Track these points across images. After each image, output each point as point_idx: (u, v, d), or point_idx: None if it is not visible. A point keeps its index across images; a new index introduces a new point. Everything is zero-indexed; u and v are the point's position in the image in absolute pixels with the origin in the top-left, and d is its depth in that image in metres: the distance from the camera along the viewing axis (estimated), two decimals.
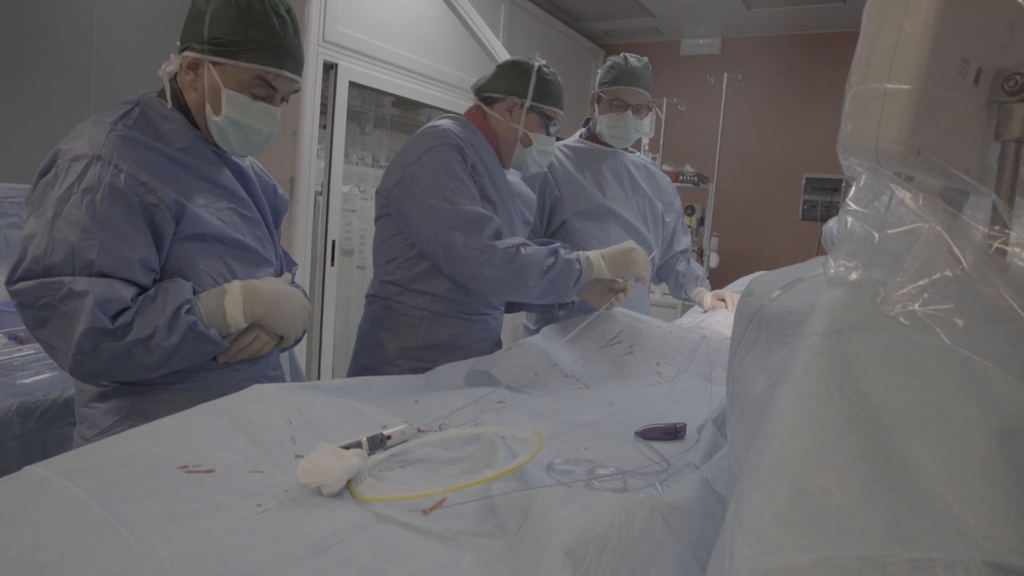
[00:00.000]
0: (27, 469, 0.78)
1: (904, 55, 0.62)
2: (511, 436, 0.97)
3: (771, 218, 5.11)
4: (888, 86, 0.63)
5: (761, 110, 5.11)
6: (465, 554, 0.69)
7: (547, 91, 1.80)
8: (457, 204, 1.64)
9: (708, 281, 2.48)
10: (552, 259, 1.67)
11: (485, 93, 1.83)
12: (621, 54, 2.20)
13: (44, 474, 0.77)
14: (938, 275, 0.61)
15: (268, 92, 1.27)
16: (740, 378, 0.74)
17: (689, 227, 4.76)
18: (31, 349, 1.78)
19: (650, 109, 2.25)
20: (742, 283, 2.60)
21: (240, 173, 1.34)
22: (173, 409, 0.98)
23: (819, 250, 4.72)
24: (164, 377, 1.18)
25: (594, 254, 1.76)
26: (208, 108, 1.24)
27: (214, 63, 1.22)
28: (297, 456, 0.93)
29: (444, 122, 1.80)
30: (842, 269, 0.67)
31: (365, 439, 0.95)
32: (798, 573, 0.40)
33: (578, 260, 1.71)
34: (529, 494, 0.69)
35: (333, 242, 3.33)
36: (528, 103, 1.79)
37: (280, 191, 1.47)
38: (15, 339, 1.89)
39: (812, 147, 4.97)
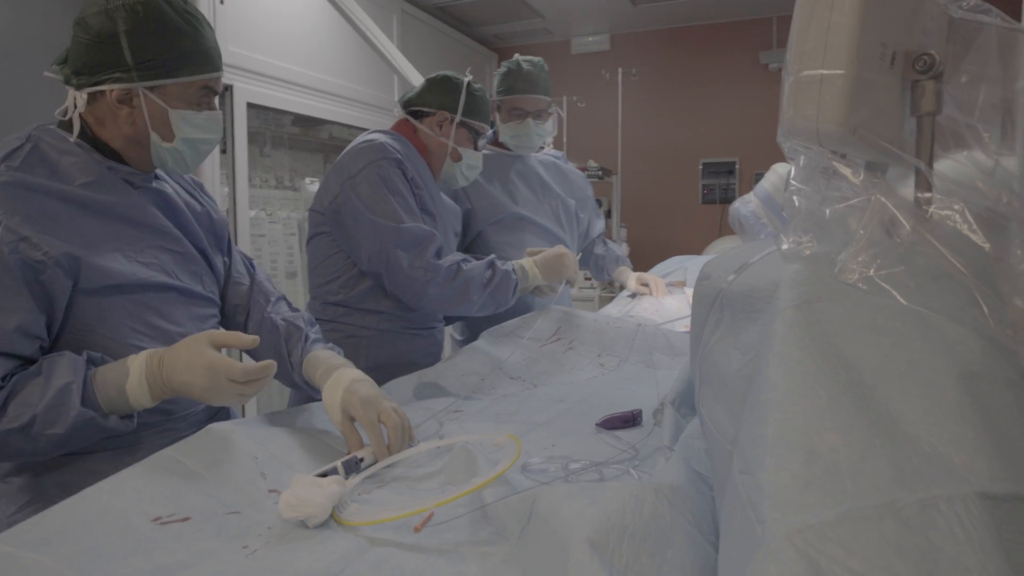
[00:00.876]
0: None
1: (836, 43, 0.67)
2: (486, 443, 0.98)
3: (674, 204, 5.31)
4: (823, 72, 0.68)
5: (655, 101, 5.29)
6: (471, 564, 0.70)
7: (476, 106, 1.82)
8: (401, 222, 1.62)
9: (629, 260, 2.53)
10: (490, 272, 1.71)
11: (414, 107, 1.82)
12: (515, 58, 2.16)
13: (5, 549, 0.71)
14: (886, 242, 0.66)
15: (211, 98, 1.20)
16: (710, 358, 0.78)
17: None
18: None
19: (551, 113, 2.23)
20: (665, 266, 2.68)
21: (164, 202, 1.22)
22: (99, 477, 0.87)
23: (723, 230, 4.93)
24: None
25: (527, 262, 1.80)
26: (154, 137, 1.14)
27: (151, 88, 1.12)
28: (271, 491, 0.90)
29: (379, 136, 1.77)
30: (795, 245, 0.72)
31: (340, 464, 0.94)
32: (828, 528, 0.43)
33: (514, 270, 1.75)
34: (529, 495, 0.70)
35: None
36: (458, 118, 1.80)
37: (216, 215, 1.34)
38: None
39: (706, 133, 5.19)
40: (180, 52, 1.13)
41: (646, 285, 2.33)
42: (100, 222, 1.10)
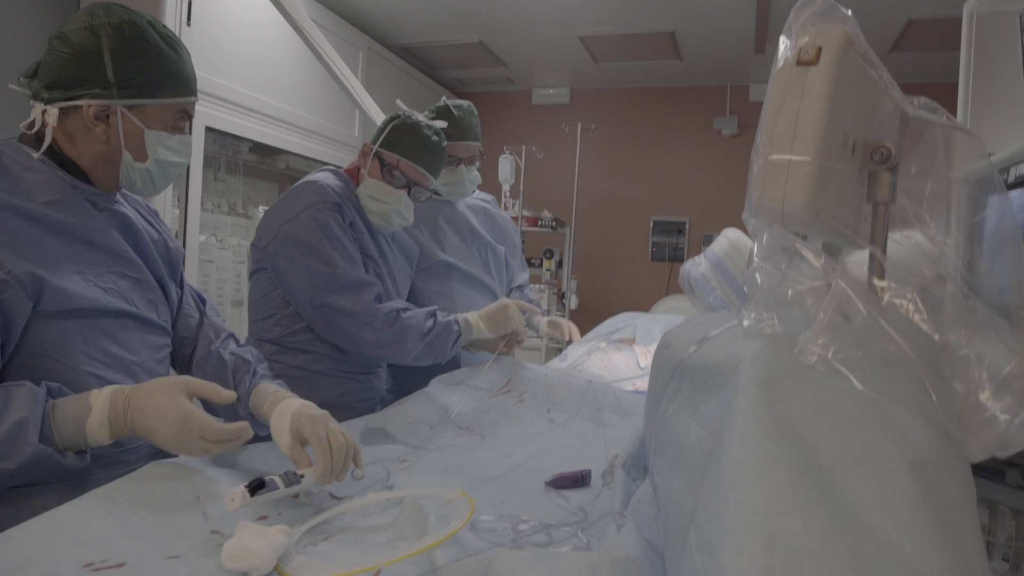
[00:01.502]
0: None
1: (803, 131, 0.71)
2: (436, 497, 0.96)
3: (624, 259, 5.40)
4: (792, 158, 0.71)
5: (611, 156, 5.42)
6: None
7: (398, 140, 1.73)
8: (336, 267, 1.61)
9: (540, 304, 2.48)
10: (431, 322, 1.70)
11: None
12: (443, 100, 2.08)
13: None
14: (844, 326, 0.68)
15: (186, 121, 1.20)
16: (668, 427, 0.79)
17: (548, 269, 4.93)
18: None
19: (481, 156, 2.14)
20: (614, 322, 2.71)
21: (125, 227, 1.19)
22: (40, 511, 0.83)
23: (671, 288, 5.03)
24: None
25: (472, 316, 1.81)
26: (127, 156, 1.14)
27: (130, 107, 1.12)
28: (213, 532, 0.87)
29: (321, 175, 1.76)
30: (757, 322, 0.74)
31: (279, 476, 0.92)
32: None
33: (456, 322, 1.75)
34: (484, 560, 0.69)
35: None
36: (375, 148, 1.74)
37: (171, 244, 1.32)
38: None
39: (658, 191, 5.33)
40: (162, 74, 1.13)
41: (557, 327, 2.23)
42: (62, 242, 1.07)
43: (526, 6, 3.96)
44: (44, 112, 1.11)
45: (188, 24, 2.95)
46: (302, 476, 0.98)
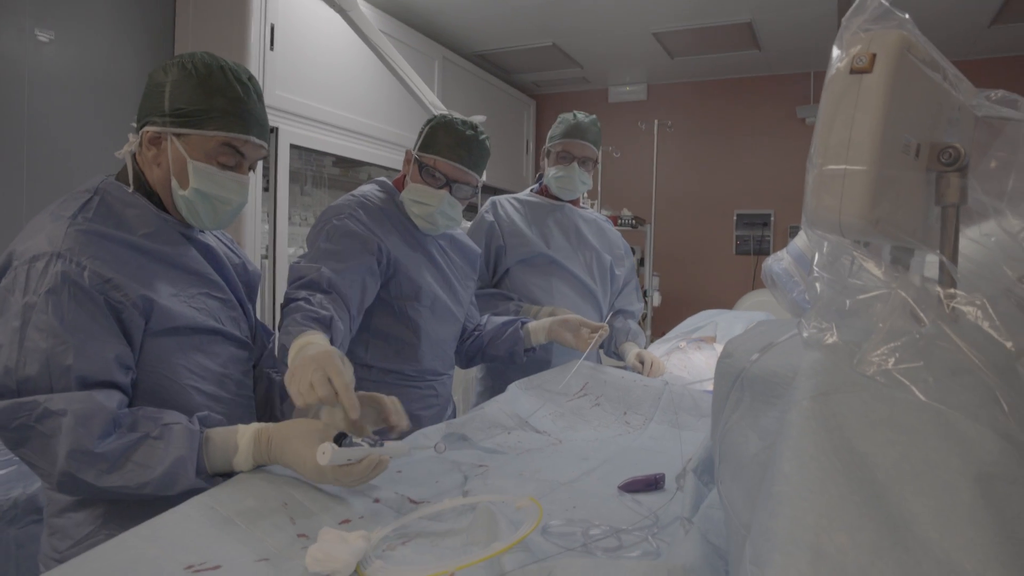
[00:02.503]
0: None
1: (858, 140, 0.70)
2: (508, 503, 0.99)
3: (707, 255, 5.31)
4: (847, 167, 0.70)
5: (690, 152, 5.33)
6: None
7: (434, 140, 1.74)
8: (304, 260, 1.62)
9: (642, 338, 2.38)
10: (284, 333, 1.42)
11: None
12: (572, 112, 2.29)
13: None
14: (905, 336, 0.67)
15: (236, 160, 1.24)
16: (729, 437, 0.79)
17: None
18: None
19: (596, 163, 2.31)
20: (694, 321, 2.68)
21: (209, 253, 1.31)
22: (153, 508, 0.94)
23: (756, 283, 4.91)
24: None
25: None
26: (174, 183, 1.21)
27: (177, 135, 1.19)
28: (299, 536, 0.93)
29: (365, 188, 1.83)
30: (816, 332, 0.73)
31: (330, 443, 1.02)
32: None
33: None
34: (547, 567, 0.72)
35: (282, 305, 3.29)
36: (415, 152, 1.77)
37: (250, 267, 1.44)
38: None
39: (740, 185, 5.21)
40: (210, 107, 1.19)
41: (642, 363, 2.13)
42: (160, 268, 1.18)
43: (598, 6, 3.96)
44: (130, 141, 1.23)
45: (272, 49, 3.10)
46: (383, 443, 1.07)
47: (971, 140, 0.85)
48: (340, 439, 1.05)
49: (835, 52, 0.73)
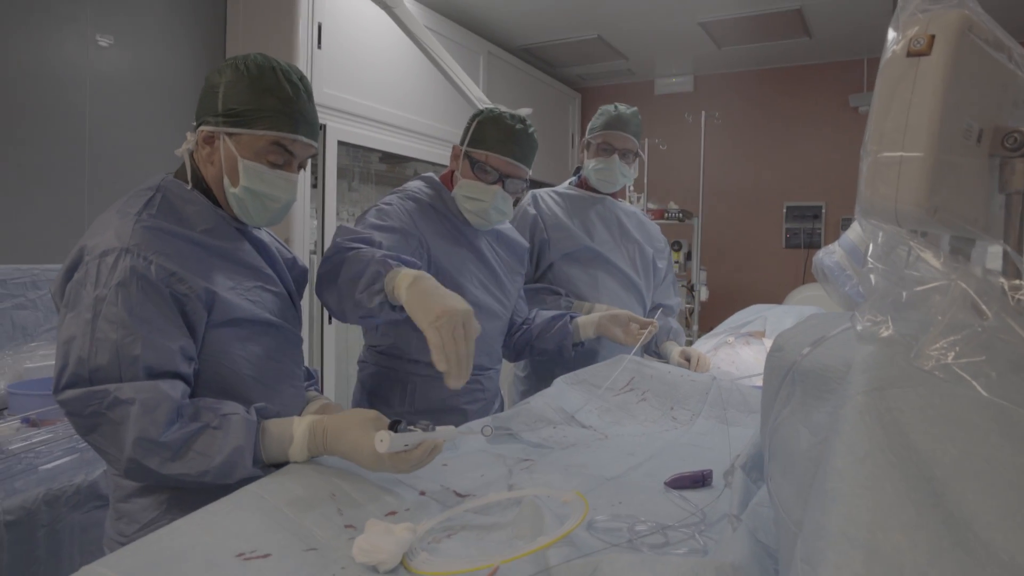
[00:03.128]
0: (86, 569, 0.79)
1: (915, 126, 0.67)
2: (554, 498, 0.99)
3: (756, 248, 5.21)
4: (903, 154, 0.68)
5: (738, 143, 5.23)
6: None
7: (485, 135, 1.72)
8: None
9: (683, 336, 2.36)
10: (375, 264, 1.33)
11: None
12: (613, 104, 2.26)
13: (106, 573, 0.77)
14: (966, 328, 0.64)
15: (286, 158, 1.26)
16: (779, 432, 0.78)
17: (677, 262, 4.84)
18: (47, 432, 1.78)
19: (636, 156, 2.28)
20: (743, 315, 2.63)
21: (263, 248, 1.35)
22: (213, 495, 0.98)
23: (806, 277, 4.80)
24: None
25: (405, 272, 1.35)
26: (226, 180, 1.24)
27: (229, 134, 1.22)
28: (347, 526, 0.94)
29: (412, 184, 1.83)
30: (871, 325, 0.71)
31: (387, 431, 1.04)
32: None
33: (384, 272, 1.32)
34: (592, 562, 0.71)
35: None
36: (464, 148, 1.74)
37: (300, 262, 1.47)
38: (27, 422, 1.88)
39: (790, 176, 5.09)
40: (261, 107, 1.22)
41: (687, 359, 2.11)
42: (219, 262, 1.23)
43: None
44: (187, 139, 1.27)
45: (319, 48, 3.15)
46: (399, 422, 1.09)
47: None
48: (394, 426, 1.07)
49: (891, 34, 0.70)
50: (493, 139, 1.72)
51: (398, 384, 1.76)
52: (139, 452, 1.04)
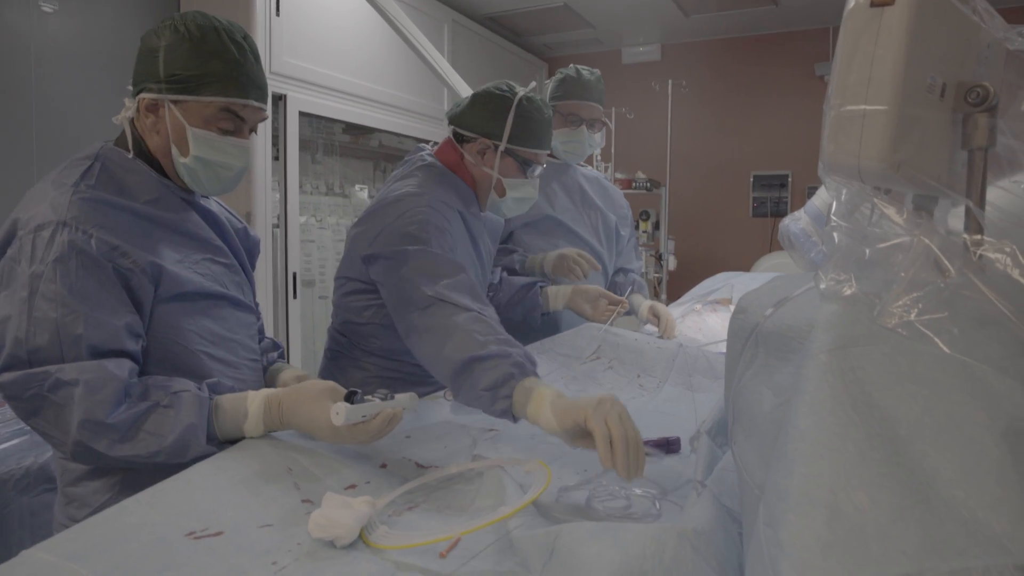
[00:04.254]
0: (26, 554, 0.75)
1: (879, 78, 0.65)
2: (516, 468, 0.97)
3: (723, 217, 5.23)
4: (866, 107, 0.66)
5: (706, 112, 5.22)
6: None
7: (527, 130, 1.57)
8: (429, 247, 1.40)
9: (645, 289, 2.34)
10: (505, 366, 1.18)
11: (456, 129, 1.62)
12: (572, 66, 2.16)
13: (46, 558, 0.74)
14: (929, 285, 0.63)
15: (236, 124, 1.20)
16: (743, 395, 0.76)
17: (645, 231, 4.84)
18: None
19: (604, 124, 2.22)
20: (711, 283, 2.64)
21: (211, 218, 1.29)
22: (167, 475, 0.94)
23: (774, 244, 4.84)
24: None
25: (538, 391, 1.16)
26: (174, 150, 1.18)
27: (175, 101, 1.15)
28: (304, 501, 0.92)
29: (420, 179, 1.56)
30: (834, 283, 0.70)
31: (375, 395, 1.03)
32: None
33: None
34: (553, 531, 0.70)
35: (294, 274, 3.29)
36: (503, 146, 1.57)
37: (251, 233, 1.42)
38: None
39: (757, 145, 5.10)
40: (207, 72, 1.15)
41: (656, 316, 2.07)
42: (164, 234, 1.17)
43: None
44: (126, 107, 1.19)
45: (278, 15, 3.05)
46: (356, 392, 1.06)
47: (1001, 79, 0.80)
48: (351, 397, 1.04)
49: None
50: (538, 136, 1.60)
51: (375, 379, 1.67)
52: (85, 435, 0.99)
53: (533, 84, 1.67)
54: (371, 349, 1.62)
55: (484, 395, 1.16)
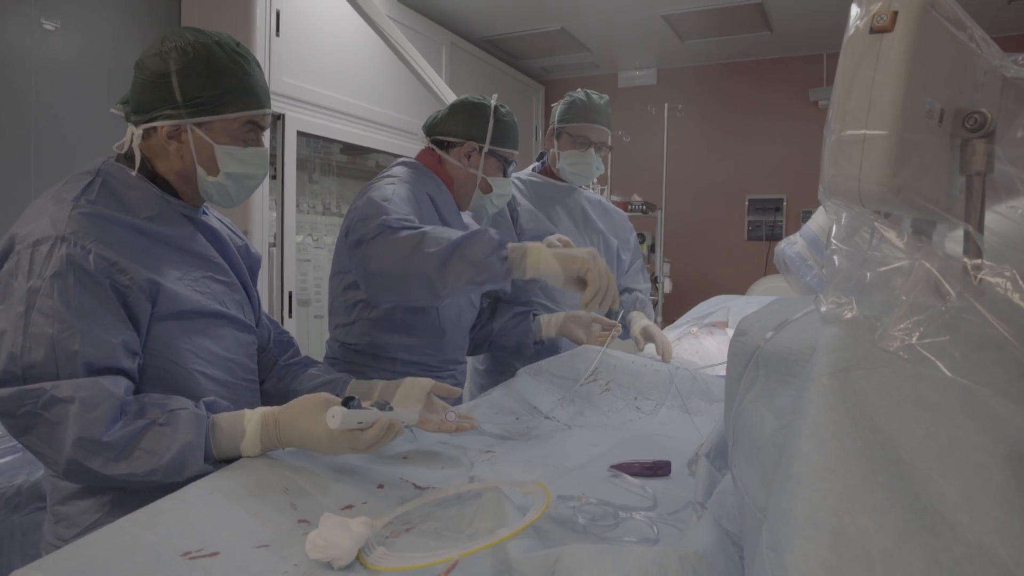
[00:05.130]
0: (17, 573, 0.74)
1: (879, 103, 0.66)
2: (515, 489, 0.97)
3: (719, 240, 5.25)
4: (866, 132, 0.67)
5: (701, 136, 5.27)
6: None
7: (504, 133, 1.77)
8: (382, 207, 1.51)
9: (651, 308, 2.33)
10: (459, 234, 1.37)
11: (439, 136, 1.78)
12: (580, 90, 2.19)
13: None
14: (930, 309, 0.64)
15: (257, 134, 1.25)
16: (743, 418, 0.76)
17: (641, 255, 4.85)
18: None
19: (610, 148, 2.24)
20: (706, 306, 2.64)
21: (213, 235, 1.29)
22: (159, 495, 0.92)
23: (769, 268, 4.86)
24: None
25: (533, 244, 1.41)
26: (200, 171, 1.20)
27: (198, 124, 1.17)
28: (300, 521, 0.91)
29: (397, 170, 1.76)
30: (835, 306, 0.70)
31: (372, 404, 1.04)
32: None
33: (505, 243, 1.38)
34: (553, 554, 0.69)
35: (290, 293, 3.28)
36: (487, 147, 1.76)
37: (252, 249, 1.42)
38: None
39: (752, 169, 5.14)
40: (226, 89, 1.17)
41: (647, 338, 2.06)
42: (164, 251, 1.17)
43: None
44: (132, 133, 1.19)
45: (277, 35, 3.07)
46: (391, 407, 1.07)
47: (998, 105, 0.81)
48: (347, 403, 1.04)
49: (854, 11, 0.69)
50: (512, 138, 1.83)
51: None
52: (80, 453, 0.97)
53: (495, 95, 1.83)
54: (362, 348, 1.68)
55: (480, 263, 1.31)
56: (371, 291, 1.52)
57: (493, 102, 1.77)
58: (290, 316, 3.27)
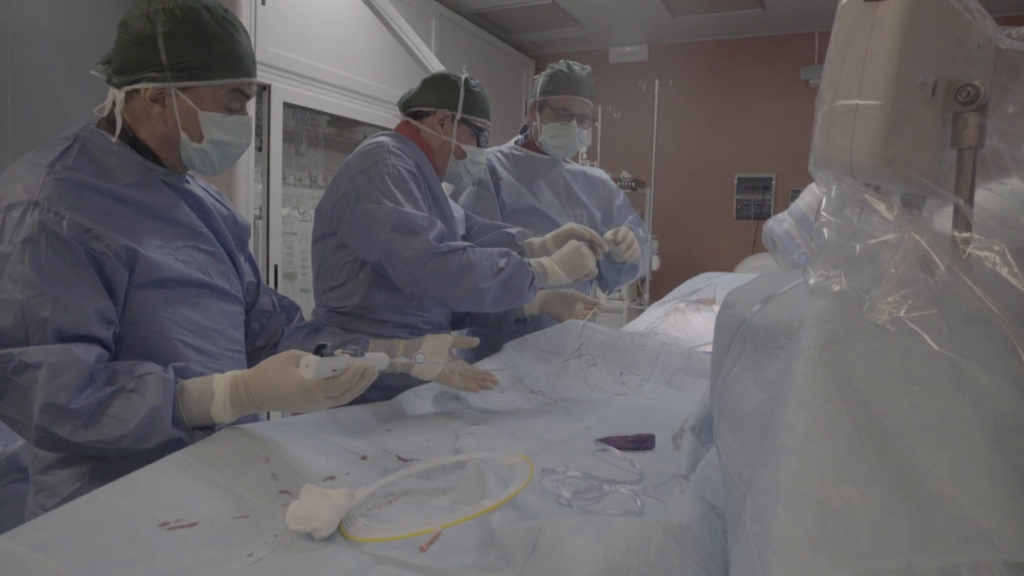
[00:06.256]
0: None
1: (872, 73, 0.65)
2: (498, 462, 0.96)
3: (707, 218, 5.25)
4: (859, 102, 0.65)
5: (692, 114, 5.24)
6: None
7: (476, 103, 1.80)
8: (401, 207, 1.57)
9: (643, 247, 2.19)
10: (504, 260, 1.57)
11: (414, 107, 1.80)
12: (562, 62, 2.15)
13: (12, 548, 0.72)
14: (919, 282, 0.63)
15: (242, 102, 1.23)
16: (729, 391, 0.76)
17: None
18: None
19: (594, 120, 2.22)
20: (694, 283, 2.64)
21: (197, 204, 1.26)
22: (139, 465, 0.91)
23: (757, 246, 4.87)
24: None
25: (546, 260, 1.68)
26: (184, 136, 1.17)
27: (183, 88, 1.15)
28: (281, 492, 0.90)
29: (383, 138, 1.75)
30: (823, 279, 0.69)
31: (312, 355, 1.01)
32: None
33: (529, 263, 1.63)
34: (535, 526, 0.69)
35: (276, 266, 3.25)
36: (459, 115, 1.78)
37: (240, 218, 1.39)
38: None
39: (742, 148, 5.12)
40: (213, 55, 1.15)
41: (618, 241, 2.01)
42: (144, 219, 1.14)
43: None
44: (115, 96, 1.16)
45: (263, 3, 3.01)
46: (324, 346, 1.07)
47: (990, 80, 0.80)
48: (319, 351, 1.03)
49: None
50: (483, 108, 1.84)
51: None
52: (47, 419, 0.96)
53: (464, 66, 1.91)
54: (350, 310, 1.69)
55: (522, 294, 1.57)
56: (416, 296, 1.64)
57: (463, 75, 1.81)
58: (276, 283, 3.25)
